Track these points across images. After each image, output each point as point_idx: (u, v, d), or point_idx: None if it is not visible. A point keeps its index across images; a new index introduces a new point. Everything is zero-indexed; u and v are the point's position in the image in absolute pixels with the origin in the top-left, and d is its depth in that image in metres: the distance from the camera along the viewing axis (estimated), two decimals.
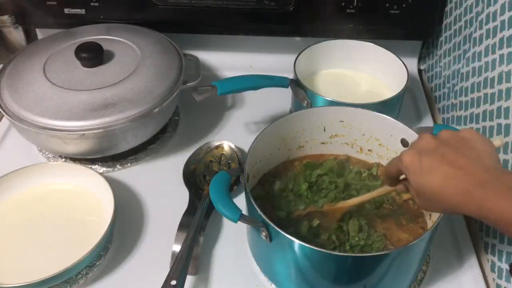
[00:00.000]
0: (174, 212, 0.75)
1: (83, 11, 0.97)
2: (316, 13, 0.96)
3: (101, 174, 0.76)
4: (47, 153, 0.87)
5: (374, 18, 0.96)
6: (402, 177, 0.59)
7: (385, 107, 0.80)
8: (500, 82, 0.71)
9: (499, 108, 0.71)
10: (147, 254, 0.72)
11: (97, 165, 0.84)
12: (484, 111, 0.75)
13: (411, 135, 0.69)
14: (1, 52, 1.08)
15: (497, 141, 0.54)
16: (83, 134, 0.75)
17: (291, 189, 0.73)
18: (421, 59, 1.07)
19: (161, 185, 0.82)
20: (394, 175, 0.58)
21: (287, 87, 0.85)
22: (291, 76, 0.86)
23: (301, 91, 0.84)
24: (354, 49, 0.94)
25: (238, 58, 1.06)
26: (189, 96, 0.82)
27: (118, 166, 0.85)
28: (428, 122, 0.95)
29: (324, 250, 0.57)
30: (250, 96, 0.98)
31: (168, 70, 0.85)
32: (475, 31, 0.80)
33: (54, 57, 0.86)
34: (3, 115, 0.79)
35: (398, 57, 0.89)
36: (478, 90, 0.78)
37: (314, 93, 0.82)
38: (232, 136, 0.90)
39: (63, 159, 0.85)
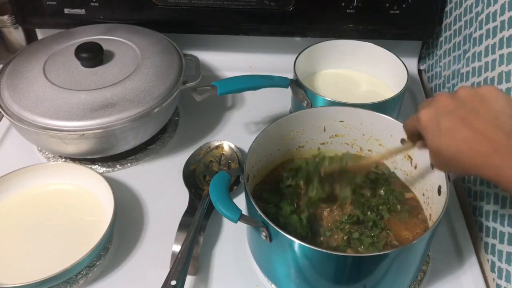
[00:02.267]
0: (174, 212, 0.75)
1: (83, 11, 0.97)
2: (316, 13, 0.96)
3: (101, 174, 0.76)
4: (47, 153, 0.87)
5: (374, 18, 0.96)
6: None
7: (385, 107, 0.80)
8: (500, 82, 0.71)
9: None
10: (147, 254, 0.72)
11: (97, 165, 0.84)
12: None
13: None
14: (1, 52, 1.08)
15: None
16: (83, 134, 0.75)
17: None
18: (421, 59, 1.07)
19: (161, 185, 0.82)
20: (413, 132, 0.57)
21: (287, 87, 0.85)
22: (291, 76, 0.86)
23: (301, 91, 0.84)
24: (354, 49, 0.94)
25: (238, 58, 1.07)
26: (189, 96, 0.82)
27: (118, 166, 0.85)
28: None
29: (324, 250, 0.57)
30: (250, 96, 0.98)
31: (168, 70, 0.85)
32: (475, 31, 0.80)
33: (54, 57, 0.86)
34: (3, 115, 0.79)
35: (398, 57, 0.89)
36: None
37: (314, 93, 0.82)
38: (232, 136, 0.90)
39: (63, 159, 0.85)
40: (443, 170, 0.55)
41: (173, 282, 0.62)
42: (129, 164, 0.85)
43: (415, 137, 0.59)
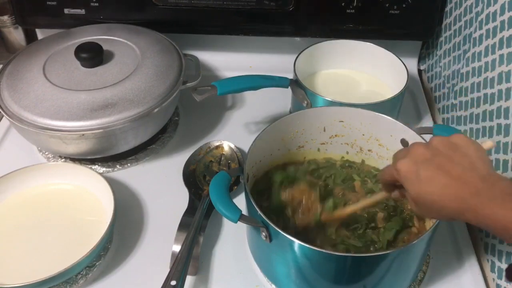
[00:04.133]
0: (174, 212, 0.75)
1: (83, 11, 0.97)
2: (316, 13, 0.96)
3: (101, 174, 0.76)
4: (47, 153, 0.87)
5: (374, 18, 0.96)
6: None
7: (385, 107, 0.80)
8: (500, 82, 0.71)
9: (499, 108, 0.71)
10: (147, 254, 0.72)
11: (97, 165, 0.84)
12: (484, 111, 0.75)
13: (411, 135, 0.69)
14: (1, 52, 1.08)
15: (487, 144, 0.55)
16: (83, 134, 0.75)
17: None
18: (421, 59, 1.07)
19: (161, 185, 0.82)
20: (389, 182, 0.59)
21: (287, 87, 0.85)
22: (291, 76, 0.86)
23: (301, 91, 0.84)
24: (354, 49, 0.94)
25: (238, 58, 1.06)
26: (189, 96, 0.82)
27: (118, 166, 0.85)
28: (428, 122, 0.95)
29: (324, 250, 0.57)
30: (250, 96, 0.98)
31: (168, 70, 0.85)
32: (475, 31, 0.80)
33: (54, 57, 0.86)
34: (3, 115, 0.79)
35: (398, 57, 0.89)
36: (478, 90, 0.78)
37: (314, 93, 0.82)
38: (232, 136, 0.90)
39: (63, 159, 0.85)
40: (426, 217, 0.57)
41: (173, 282, 0.62)
42: (129, 164, 0.85)
43: (391, 186, 0.60)
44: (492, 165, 0.52)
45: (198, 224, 0.71)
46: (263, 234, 0.59)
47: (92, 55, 0.83)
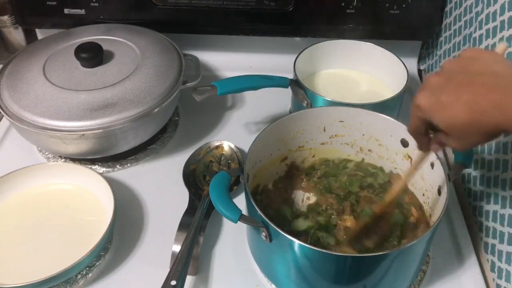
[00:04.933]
0: (174, 212, 0.75)
1: (83, 11, 0.97)
2: (316, 13, 0.96)
3: (101, 174, 0.76)
4: (47, 153, 0.87)
5: (374, 18, 0.96)
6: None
7: (385, 107, 0.80)
8: None
9: None
10: (147, 254, 0.72)
11: (97, 165, 0.84)
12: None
13: (411, 136, 0.69)
14: (1, 52, 1.08)
15: (500, 46, 0.52)
16: (83, 134, 0.75)
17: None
18: (421, 59, 1.07)
19: (161, 185, 0.82)
20: (421, 129, 0.55)
21: (287, 87, 0.85)
22: (291, 76, 0.86)
23: (301, 91, 0.84)
24: (354, 49, 0.94)
25: (238, 58, 1.06)
26: (189, 96, 0.82)
27: (118, 166, 0.85)
28: None
29: (324, 250, 0.57)
30: (250, 96, 0.98)
31: (168, 70, 0.85)
32: (475, 31, 0.80)
33: (54, 57, 0.86)
34: (3, 115, 0.79)
35: (398, 57, 0.89)
36: None
37: (314, 93, 0.82)
38: (232, 136, 0.90)
39: (63, 159, 0.85)
40: (469, 146, 0.51)
41: (173, 282, 0.62)
42: (129, 164, 0.85)
43: (425, 141, 0.57)
44: (510, 63, 0.48)
45: (198, 224, 0.71)
46: (263, 234, 0.59)
47: (92, 55, 0.83)
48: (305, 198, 0.74)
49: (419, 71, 1.08)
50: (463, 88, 0.46)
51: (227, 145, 0.87)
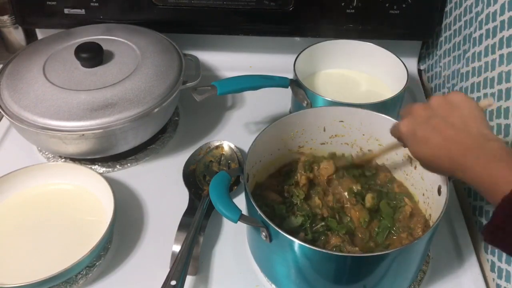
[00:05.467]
0: (174, 212, 0.75)
1: (83, 11, 0.97)
2: (316, 13, 0.96)
3: (101, 174, 0.76)
4: (47, 153, 0.87)
5: (374, 18, 0.96)
6: None
7: (385, 107, 0.80)
8: (500, 82, 0.71)
9: (499, 108, 0.71)
10: (147, 254, 0.72)
11: (97, 165, 0.84)
12: (484, 111, 0.75)
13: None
14: (1, 52, 1.08)
15: (484, 102, 0.56)
16: (83, 134, 0.75)
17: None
18: (421, 59, 1.07)
19: (161, 185, 0.82)
20: (395, 136, 0.62)
21: (287, 87, 0.85)
22: (291, 76, 0.86)
23: (301, 91, 0.84)
24: (354, 49, 0.94)
25: (238, 58, 1.06)
26: (189, 96, 0.82)
27: (118, 166, 0.85)
28: None
29: (324, 250, 0.57)
30: (250, 96, 0.98)
31: (168, 70, 0.85)
32: (475, 31, 0.80)
33: (54, 57, 0.86)
34: (3, 115, 0.79)
35: (398, 57, 0.89)
36: (478, 90, 0.78)
37: (314, 93, 0.82)
38: (232, 136, 0.90)
39: (63, 159, 0.85)
40: (429, 171, 0.60)
41: (173, 282, 0.62)
42: (129, 164, 0.85)
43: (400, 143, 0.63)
44: (487, 124, 0.53)
45: (198, 224, 0.71)
46: (263, 234, 0.59)
47: (92, 55, 0.83)
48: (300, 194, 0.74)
49: (419, 71, 1.08)
50: (437, 131, 0.53)
51: (227, 145, 0.87)
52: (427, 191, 0.69)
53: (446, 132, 0.52)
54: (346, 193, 0.71)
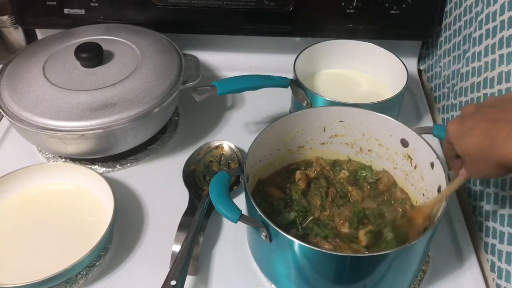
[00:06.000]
0: (174, 212, 0.75)
1: (83, 11, 0.97)
2: (316, 13, 0.96)
3: (101, 174, 0.76)
4: (47, 153, 0.87)
5: (374, 18, 0.96)
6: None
7: (385, 107, 0.80)
8: (500, 82, 0.71)
9: None
10: (147, 254, 0.72)
11: (97, 165, 0.84)
12: None
13: (411, 135, 0.69)
14: (1, 52, 1.08)
15: None
16: (83, 134, 0.75)
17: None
18: (421, 59, 1.07)
19: (161, 185, 0.82)
20: (450, 153, 0.56)
21: (287, 87, 0.85)
22: (291, 76, 0.86)
23: (301, 91, 0.84)
24: (354, 49, 0.94)
25: (238, 58, 1.06)
26: (189, 96, 0.82)
27: (118, 166, 0.85)
28: (428, 122, 0.95)
29: (324, 250, 0.57)
30: (250, 96, 0.98)
31: (168, 70, 0.85)
32: (475, 31, 0.80)
33: (54, 57, 0.86)
34: (3, 115, 0.79)
35: (398, 57, 0.89)
36: (478, 90, 0.78)
37: (314, 93, 0.82)
38: (232, 136, 0.90)
39: (63, 159, 0.85)
40: (482, 177, 0.54)
41: (173, 282, 0.62)
42: (129, 164, 0.85)
43: (455, 165, 0.58)
44: None
45: (198, 224, 0.71)
46: (263, 234, 0.59)
47: (92, 55, 0.83)
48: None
49: (419, 71, 1.08)
50: (486, 118, 0.48)
51: (227, 145, 0.87)
52: (427, 191, 0.69)
53: (497, 115, 0.47)
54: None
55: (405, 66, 0.87)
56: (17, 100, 0.78)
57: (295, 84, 0.85)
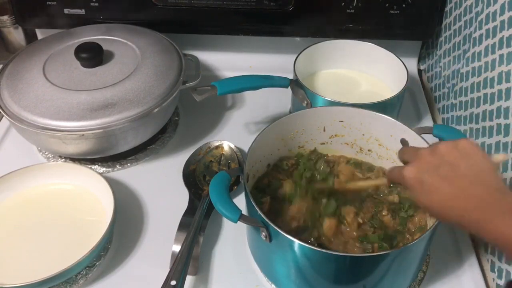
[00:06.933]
0: (174, 212, 0.75)
1: (83, 11, 0.97)
2: (316, 13, 0.96)
3: (101, 174, 0.76)
4: (47, 153, 0.87)
5: (374, 18, 0.96)
6: None
7: (385, 107, 0.80)
8: (500, 82, 0.71)
9: (499, 108, 0.71)
10: (147, 254, 0.72)
11: (97, 165, 0.84)
12: (484, 111, 0.75)
13: (411, 135, 0.69)
14: (1, 52, 1.08)
15: (498, 157, 0.54)
16: (83, 134, 0.75)
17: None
18: (421, 59, 1.07)
19: (161, 185, 0.82)
20: (396, 182, 0.60)
21: (287, 87, 0.85)
22: (291, 76, 0.86)
23: (301, 91, 0.84)
24: (354, 49, 0.94)
25: (238, 58, 1.06)
26: (189, 96, 0.82)
27: (118, 166, 0.85)
28: (428, 122, 0.95)
29: (324, 250, 0.57)
30: (250, 96, 0.98)
31: (168, 70, 0.85)
32: (475, 31, 0.80)
33: (54, 57, 0.86)
34: (3, 115, 0.79)
35: (398, 57, 0.89)
36: (478, 90, 0.78)
37: (314, 93, 0.82)
38: (232, 136, 0.90)
39: (63, 159, 0.85)
40: (436, 218, 0.57)
41: (173, 282, 0.62)
42: (129, 164, 0.85)
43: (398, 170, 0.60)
44: (499, 176, 0.52)
45: (198, 224, 0.71)
46: (263, 234, 0.59)
47: (92, 55, 0.83)
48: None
49: (419, 71, 1.08)
50: (446, 182, 0.50)
51: (227, 145, 0.87)
52: None
53: (458, 183, 0.49)
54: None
55: (405, 66, 0.87)
56: (17, 100, 0.78)
57: (295, 84, 0.85)
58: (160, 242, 0.73)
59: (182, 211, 0.74)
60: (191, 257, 0.67)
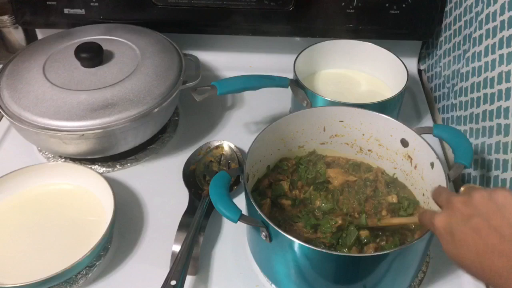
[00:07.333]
0: (174, 212, 0.75)
1: (83, 11, 0.97)
2: (316, 13, 0.96)
3: (101, 174, 0.76)
4: (47, 153, 0.87)
5: (374, 18, 0.96)
6: None
7: (385, 107, 0.80)
8: (500, 82, 0.71)
9: (499, 108, 0.71)
10: (147, 254, 0.72)
11: (97, 165, 0.84)
12: (484, 111, 0.75)
13: (411, 135, 0.69)
14: (1, 52, 1.08)
15: None
16: (83, 134, 0.75)
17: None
18: (421, 59, 1.07)
19: (161, 185, 0.82)
20: (426, 227, 0.57)
21: (287, 87, 0.85)
22: (291, 76, 0.86)
23: (301, 91, 0.84)
24: (354, 49, 0.94)
25: (238, 58, 1.06)
26: (189, 96, 0.82)
27: (118, 166, 0.85)
28: (428, 122, 0.95)
29: (324, 250, 0.57)
30: (250, 96, 0.98)
31: (168, 70, 0.85)
32: (475, 31, 0.80)
33: (54, 57, 0.86)
34: (3, 115, 0.79)
35: (398, 57, 0.89)
36: (478, 90, 0.78)
37: (314, 93, 0.82)
38: (232, 136, 0.90)
39: (63, 159, 0.85)
40: (462, 270, 0.53)
41: (173, 282, 0.62)
42: (129, 164, 0.85)
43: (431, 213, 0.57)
44: None
45: (198, 224, 0.71)
46: (263, 234, 0.59)
47: (92, 55, 0.83)
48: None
49: (419, 71, 1.08)
50: (478, 236, 0.47)
51: (227, 145, 0.87)
52: (427, 191, 0.69)
53: (490, 239, 0.46)
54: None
55: (405, 66, 0.87)
56: (17, 100, 0.78)
57: (295, 84, 0.85)
58: (160, 242, 0.73)
59: (182, 211, 0.74)
60: (191, 257, 0.67)
